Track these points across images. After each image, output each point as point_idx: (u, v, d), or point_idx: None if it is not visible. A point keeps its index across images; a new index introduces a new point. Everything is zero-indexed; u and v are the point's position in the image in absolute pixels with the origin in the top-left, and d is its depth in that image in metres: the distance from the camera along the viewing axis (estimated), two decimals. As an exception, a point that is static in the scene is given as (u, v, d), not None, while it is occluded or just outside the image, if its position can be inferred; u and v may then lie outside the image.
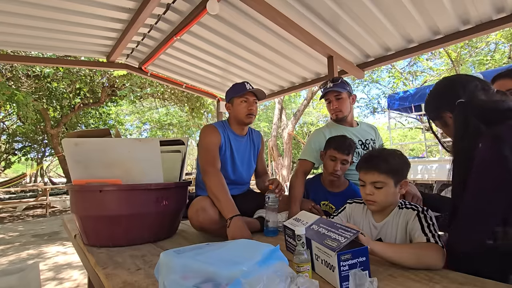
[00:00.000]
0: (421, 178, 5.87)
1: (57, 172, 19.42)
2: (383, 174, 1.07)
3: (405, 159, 1.13)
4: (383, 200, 1.09)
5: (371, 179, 1.09)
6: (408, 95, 6.79)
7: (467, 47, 10.31)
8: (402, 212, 1.09)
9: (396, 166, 1.08)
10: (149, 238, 1.41)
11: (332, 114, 1.85)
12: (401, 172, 1.10)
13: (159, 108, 14.30)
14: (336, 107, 1.80)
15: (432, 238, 0.95)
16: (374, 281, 0.67)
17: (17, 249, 4.01)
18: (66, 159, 1.33)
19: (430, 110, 1.14)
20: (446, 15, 2.21)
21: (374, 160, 1.10)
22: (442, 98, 1.07)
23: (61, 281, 2.83)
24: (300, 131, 19.69)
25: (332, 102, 1.81)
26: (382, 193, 1.07)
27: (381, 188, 1.07)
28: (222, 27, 2.72)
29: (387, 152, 1.12)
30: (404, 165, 1.11)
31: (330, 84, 1.81)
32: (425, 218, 1.02)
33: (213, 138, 1.59)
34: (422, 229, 0.99)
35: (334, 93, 1.79)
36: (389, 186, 1.07)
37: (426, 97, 1.17)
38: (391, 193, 1.08)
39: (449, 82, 1.10)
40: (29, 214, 7.35)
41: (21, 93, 6.48)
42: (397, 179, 1.08)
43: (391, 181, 1.07)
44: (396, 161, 1.09)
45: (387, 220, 1.11)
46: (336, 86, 1.78)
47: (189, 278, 0.62)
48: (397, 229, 1.08)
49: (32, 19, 2.48)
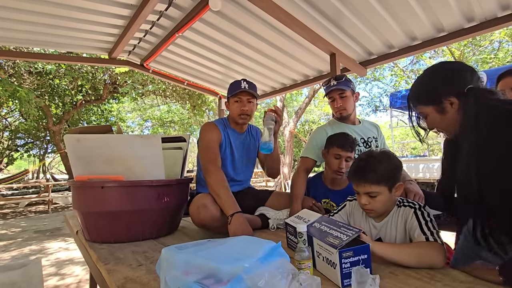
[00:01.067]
0: (422, 176, 5.86)
1: (59, 169, 19.50)
2: (374, 184, 1.03)
3: (395, 162, 1.09)
4: (380, 207, 1.07)
5: (363, 190, 1.06)
6: (410, 93, 6.74)
7: (471, 45, 10.23)
8: (400, 210, 1.09)
9: (386, 173, 1.05)
10: (151, 234, 1.41)
11: (336, 112, 1.83)
12: (393, 176, 1.07)
13: (161, 106, 14.32)
14: (340, 105, 1.78)
15: (431, 236, 0.94)
16: (376, 278, 0.67)
17: (19, 245, 4.04)
18: (68, 155, 1.33)
19: (425, 93, 1.01)
20: (450, 12, 2.19)
21: (362, 172, 1.06)
22: (447, 81, 0.96)
23: (63, 277, 2.85)
24: (301, 129, 19.67)
25: (336, 100, 1.79)
26: (378, 202, 1.05)
27: (376, 197, 1.04)
28: (224, 23, 2.71)
29: (375, 159, 1.07)
30: (394, 169, 1.08)
31: (333, 82, 1.79)
32: (423, 215, 1.01)
33: (213, 136, 1.59)
34: (420, 227, 0.98)
35: (338, 91, 1.77)
36: (384, 194, 1.04)
37: (416, 80, 1.04)
38: (387, 200, 1.06)
39: (456, 65, 1.02)
40: (31, 210, 7.39)
41: (23, 90, 6.50)
42: (391, 185, 1.05)
43: (384, 188, 1.04)
44: (385, 166, 1.05)
45: (386, 219, 1.11)
46: (340, 84, 1.76)
47: (191, 274, 0.62)
48: (397, 228, 1.08)
49: (34, 15, 2.48)
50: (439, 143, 9.03)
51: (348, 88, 1.77)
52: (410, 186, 1.48)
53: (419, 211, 1.03)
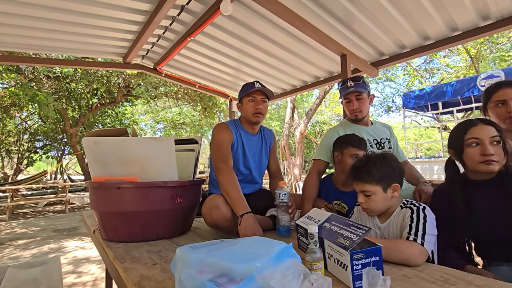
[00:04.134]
0: (437, 178, 5.72)
1: (75, 170, 20.09)
2: (367, 183, 1.11)
3: (392, 164, 1.14)
4: (375, 207, 1.13)
5: (358, 188, 1.15)
6: (424, 93, 6.60)
7: (487, 43, 9.90)
8: (402, 211, 1.11)
9: (380, 174, 1.11)
10: (165, 234, 1.45)
11: (351, 114, 1.80)
12: (388, 177, 1.12)
13: (173, 108, 14.54)
14: (356, 107, 1.75)
15: (413, 235, 0.98)
16: (387, 279, 0.67)
17: (39, 243, 4.20)
18: (86, 157, 1.38)
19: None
20: (464, 10, 2.14)
21: (357, 172, 1.14)
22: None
23: (80, 275, 2.94)
24: (312, 130, 19.52)
25: (353, 102, 1.76)
26: (372, 201, 1.12)
27: (370, 196, 1.11)
28: (235, 27, 2.75)
29: (372, 160, 1.14)
30: (389, 170, 1.12)
31: (351, 83, 1.75)
32: (418, 216, 1.03)
33: (225, 136, 1.61)
34: (410, 226, 1.02)
35: (355, 93, 1.74)
36: (378, 194, 1.11)
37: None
38: (381, 199, 1.12)
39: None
40: (49, 210, 7.65)
41: (42, 94, 6.74)
42: (385, 185, 1.11)
43: (378, 188, 1.10)
44: (379, 168, 1.11)
45: (389, 220, 1.15)
46: (358, 86, 1.73)
47: (204, 273, 0.63)
48: (398, 228, 1.11)
49: (53, 23, 2.58)
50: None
51: (365, 90, 1.75)
52: (424, 187, 1.46)
53: (417, 212, 1.05)
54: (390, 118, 29.45)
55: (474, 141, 1.09)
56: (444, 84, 6.66)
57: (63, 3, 2.30)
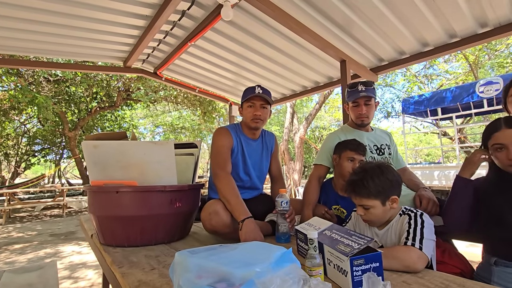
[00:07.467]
0: (438, 184, 5.71)
1: (73, 174, 20.00)
2: (365, 198, 1.09)
3: (390, 176, 1.11)
4: (374, 219, 1.12)
5: (357, 202, 1.13)
6: (423, 99, 6.64)
7: (486, 50, 10.00)
8: (401, 218, 1.11)
9: (378, 188, 1.08)
10: (163, 239, 1.44)
11: (357, 118, 1.77)
12: (386, 190, 1.09)
13: (172, 112, 14.56)
14: (364, 112, 1.73)
15: (411, 240, 0.97)
16: (388, 285, 0.66)
17: (35, 248, 4.16)
18: (85, 161, 1.38)
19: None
20: (462, 17, 2.16)
21: (354, 186, 1.12)
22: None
23: (76, 280, 2.91)
24: (312, 135, 19.55)
25: (361, 106, 1.74)
26: (371, 213, 1.11)
27: (369, 209, 1.10)
28: (235, 32, 2.77)
29: (369, 174, 1.09)
30: (387, 184, 1.09)
31: (362, 87, 1.73)
32: (415, 222, 1.03)
33: (225, 141, 1.60)
34: (407, 233, 1.01)
35: (365, 98, 1.73)
36: (377, 207, 1.09)
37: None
38: (380, 212, 1.10)
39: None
40: (46, 214, 7.59)
41: (41, 97, 6.75)
42: (383, 199, 1.09)
43: (376, 202, 1.09)
44: (376, 182, 1.08)
45: (387, 227, 1.14)
46: (369, 91, 1.72)
47: (204, 278, 0.63)
48: (396, 236, 1.10)
49: (54, 27, 2.60)
50: (454, 149, 8.80)
51: (374, 96, 1.75)
52: (424, 193, 1.46)
53: (414, 218, 1.04)
54: (390, 123, 29.56)
55: (498, 147, 1.08)
56: (444, 90, 6.70)
57: (64, 7, 2.32)
